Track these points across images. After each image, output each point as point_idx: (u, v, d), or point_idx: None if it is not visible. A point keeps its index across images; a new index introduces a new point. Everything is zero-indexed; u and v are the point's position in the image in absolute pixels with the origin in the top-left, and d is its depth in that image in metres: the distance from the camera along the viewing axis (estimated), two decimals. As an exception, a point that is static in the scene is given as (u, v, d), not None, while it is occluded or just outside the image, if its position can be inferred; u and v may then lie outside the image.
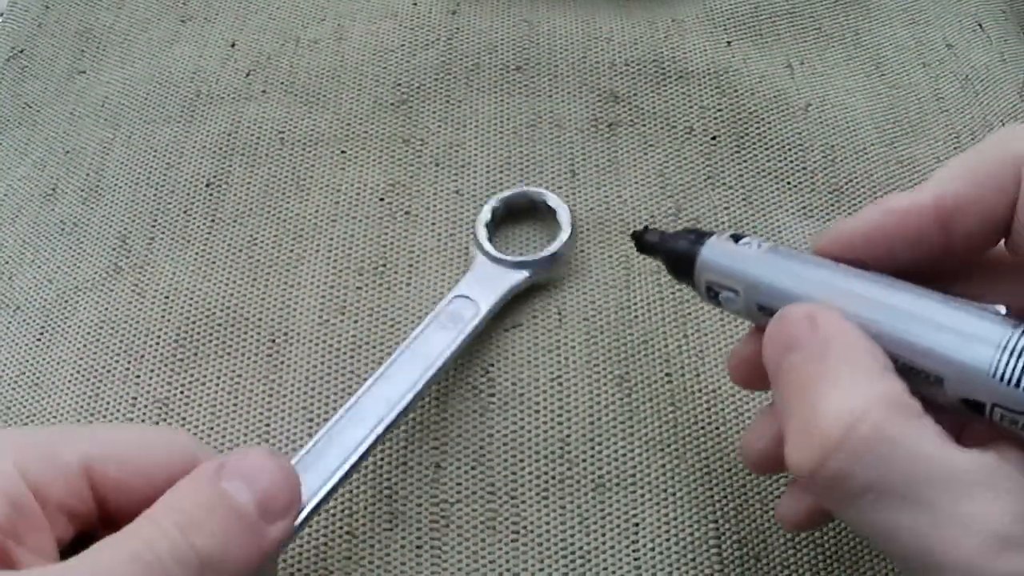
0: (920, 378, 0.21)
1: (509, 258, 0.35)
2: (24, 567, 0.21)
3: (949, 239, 0.23)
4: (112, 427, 0.31)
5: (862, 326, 0.22)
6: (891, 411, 0.20)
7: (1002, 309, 0.21)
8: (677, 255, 0.27)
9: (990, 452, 0.20)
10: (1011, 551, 0.17)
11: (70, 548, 0.22)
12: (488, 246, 0.35)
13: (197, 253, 0.37)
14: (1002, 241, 0.23)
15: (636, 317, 0.34)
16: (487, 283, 0.34)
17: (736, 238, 0.26)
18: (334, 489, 0.27)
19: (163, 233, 0.37)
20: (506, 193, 0.37)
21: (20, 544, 0.21)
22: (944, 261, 0.24)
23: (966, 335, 0.20)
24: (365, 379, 0.33)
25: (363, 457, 0.28)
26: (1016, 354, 0.19)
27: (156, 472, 0.23)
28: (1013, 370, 0.19)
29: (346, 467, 0.28)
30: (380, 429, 0.29)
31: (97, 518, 0.23)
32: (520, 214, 0.37)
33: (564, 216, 0.36)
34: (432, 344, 0.31)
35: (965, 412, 0.20)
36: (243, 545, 0.22)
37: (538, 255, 0.35)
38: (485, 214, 0.36)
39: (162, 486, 0.23)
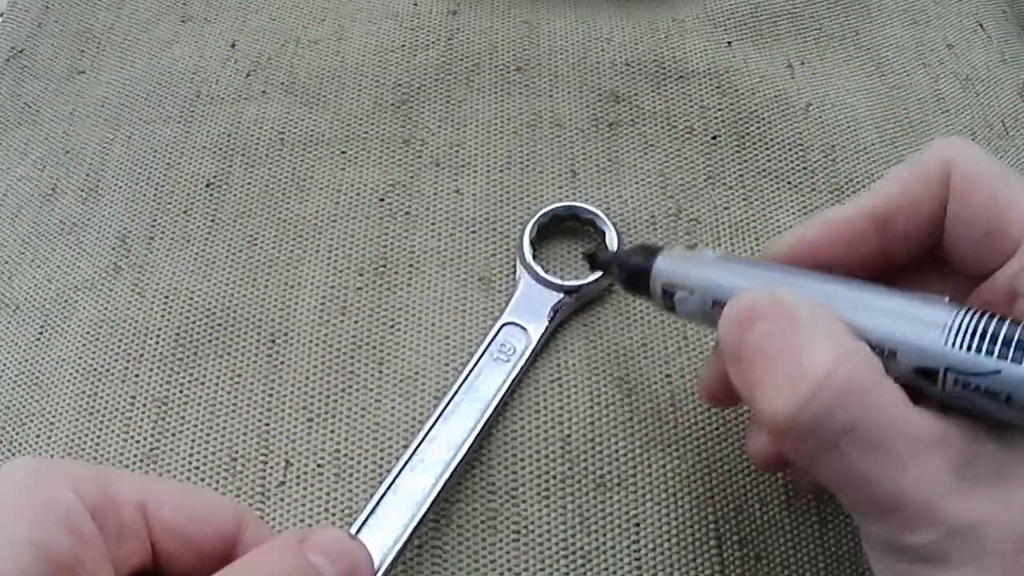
0: (875, 352, 0.22)
1: (559, 281, 0.33)
2: None
3: (888, 243, 0.25)
4: (162, 478, 0.31)
5: None
6: (863, 363, 0.21)
7: (945, 299, 0.23)
8: (633, 269, 0.28)
9: (941, 415, 0.21)
10: (954, 497, 0.20)
11: None
12: (537, 267, 0.34)
13: (197, 253, 0.37)
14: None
15: (635, 319, 0.34)
16: (535, 308, 0.33)
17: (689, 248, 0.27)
18: (404, 545, 0.27)
19: (163, 233, 0.37)
20: (552, 207, 0.35)
21: None
22: (886, 263, 0.26)
23: (918, 316, 0.22)
24: (365, 379, 0.33)
25: (430, 508, 0.28)
26: (965, 324, 0.21)
27: (210, 520, 0.23)
28: (964, 335, 0.21)
29: (415, 521, 0.27)
30: (446, 476, 0.28)
31: (152, 560, 0.22)
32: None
33: (611, 235, 0.35)
34: (488, 381, 0.31)
35: (916, 382, 0.22)
36: None
37: (589, 278, 0.33)
38: (530, 231, 0.34)
39: (214, 537, 0.23)
